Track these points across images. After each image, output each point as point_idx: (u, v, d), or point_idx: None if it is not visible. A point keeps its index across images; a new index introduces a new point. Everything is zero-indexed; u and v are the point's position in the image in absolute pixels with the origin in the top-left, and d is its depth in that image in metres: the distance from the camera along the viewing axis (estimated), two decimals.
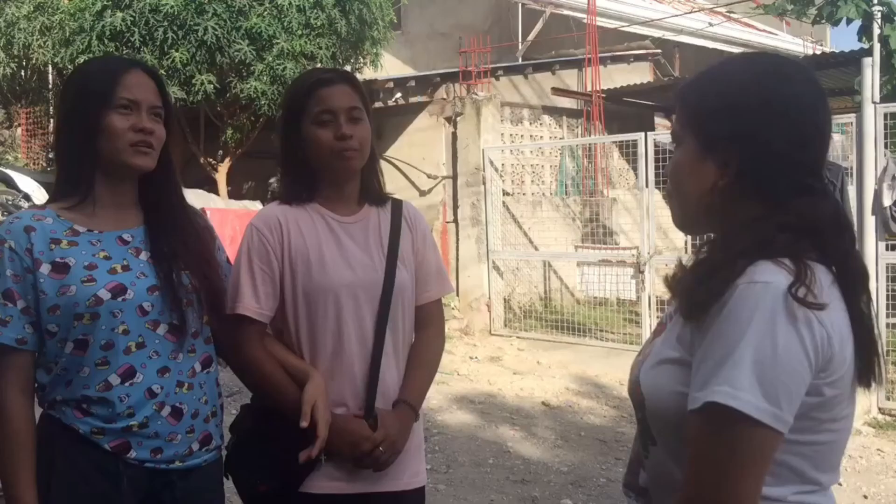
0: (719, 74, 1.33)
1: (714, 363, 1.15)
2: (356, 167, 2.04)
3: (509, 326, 9.23)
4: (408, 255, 2.11)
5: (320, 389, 1.93)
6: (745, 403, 1.11)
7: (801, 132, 1.25)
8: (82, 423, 1.75)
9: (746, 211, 1.28)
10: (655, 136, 8.25)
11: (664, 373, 1.28)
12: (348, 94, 2.01)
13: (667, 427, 1.28)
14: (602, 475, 4.81)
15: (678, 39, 13.26)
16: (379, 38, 9.43)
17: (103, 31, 8.06)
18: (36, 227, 1.77)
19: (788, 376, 1.13)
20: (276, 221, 2.02)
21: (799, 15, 8.51)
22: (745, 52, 1.44)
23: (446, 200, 9.65)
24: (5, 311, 1.73)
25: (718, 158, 1.28)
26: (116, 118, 1.79)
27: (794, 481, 1.22)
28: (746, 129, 1.25)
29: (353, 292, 2.00)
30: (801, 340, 1.14)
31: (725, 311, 1.17)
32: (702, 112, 1.30)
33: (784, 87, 1.27)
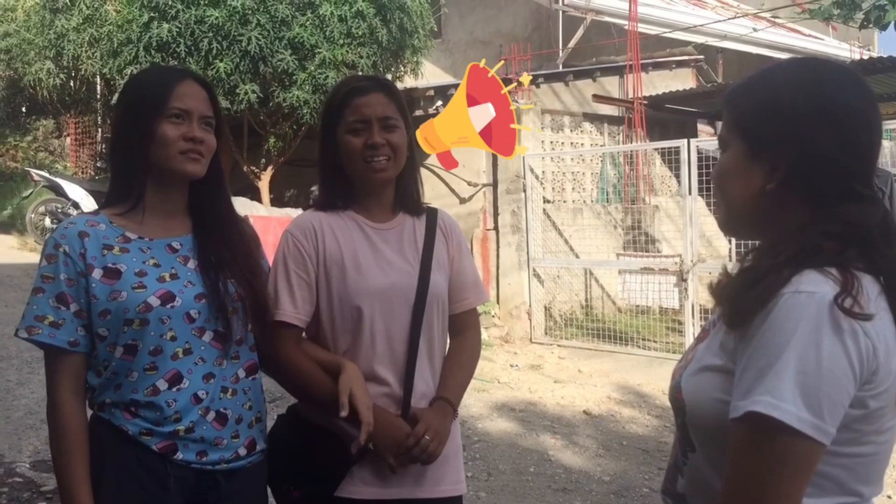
0: (770, 78, 1.32)
1: (756, 372, 1.14)
2: (387, 176, 2.05)
3: (550, 334, 9.18)
4: (443, 261, 2.11)
5: (354, 377, 1.93)
6: (786, 414, 1.10)
7: (851, 138, 1.23)
8: (131, 425, 1.79)
9: (793, 217, 1.26)
10: (698, 143, 8.17)
11: (706, 380, 1.27)
12: (383, 102, 2.02)
13: (707, 434, 1.27)
14: (645, 485, 4.76)
15: (721, 45, 13.11)
16: (419, 47, 9.48)
17: (150, 42, 8.22)
18: (89, 233, 1.81)
19: (832, 387, 1.12)
20: (310, 227, 2.04)
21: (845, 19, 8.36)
22: (797, 57, 1.43)
23: (486, 208, 9.64)
24: (58, 314, 1.77)
25: (766, 163, 1.26)
26: (168, 127, 1.83)
27: (835, 493, 1.20)
28: (796, 134, 1.24)
29: (388, 297, 2.01)
30: (846, 351, 1.12)
31: (769, 321, 1.15)
32: (751, 115, 1.30)
33: (835, 93, 1.25)
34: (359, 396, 1.89)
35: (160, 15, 8.26)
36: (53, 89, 11.14)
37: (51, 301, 1.77)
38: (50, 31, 9.63)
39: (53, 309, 1.77)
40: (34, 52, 10.61)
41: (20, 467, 4.48)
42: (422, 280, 2.05)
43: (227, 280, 1.89)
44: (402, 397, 2.01)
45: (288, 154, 9.95)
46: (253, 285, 1.93)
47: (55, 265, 1.78)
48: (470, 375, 2.17)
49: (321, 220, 2.06)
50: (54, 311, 1.77)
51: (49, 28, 9.67)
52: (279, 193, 10.97)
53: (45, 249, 1.82)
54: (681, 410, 1.32)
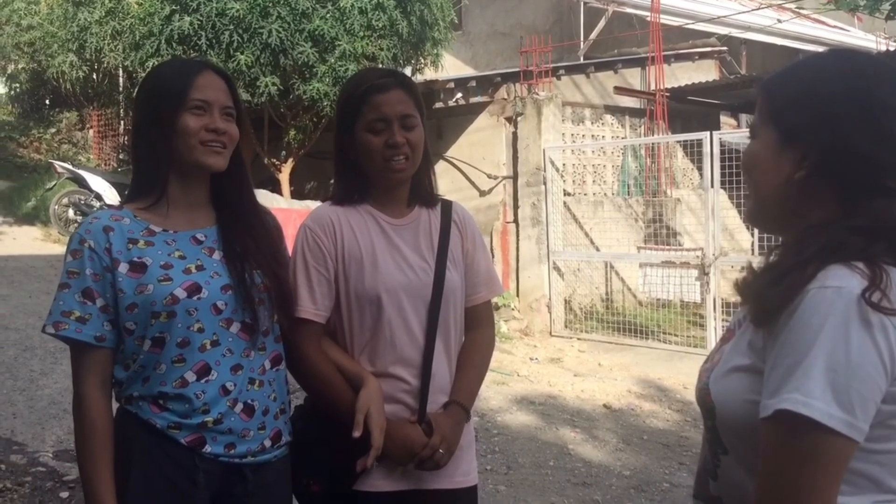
0: (805, 69, 1.31)
1: (785, 370, 1.12)
2: (406, 176, 2.04)
3: (570, 328, 9.15)
4: (457, 256, 2.11)
5: (375, 396, 1.93)
6: (816, 411, 1.08)
7: (885, 133, 1.21)
8: (159, 418, 1.79)
9: (820, 209, 1.24)
10: (721, 135, 8.10)
11: (735, 381, 1.25)
12: (403, 100, 2.00)
13: (738, 436, 1.25)
14: (665, 479, 4.74)
15: (745, 36, 12.98)
16: (440, 39, 9.45)
17: (171, 34, 8.25)
18: (114, 227, 1.81)
19: (862, 383, 1.10)
20: (328, 222, 2.03)
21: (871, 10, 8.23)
22: (837, 48, 1.40)
23: (506, 200, 9.62)
24: (84, 309, 1.77)
25: (797, 151, 1.25)
26: (190, 118, 1.82)
27: (871, 490, 1.18)
28: (828, 124, 1.22)
29: (405, 294, 2.00)
30: (876, 346, 1.10)
31: (796, 317, 1.13)
32: (784, 103, 1.28)
33: (871, 86, 1.23)
34: (374, 418, 1.89)
35: (182, 8, 8.29)
36: (76, 82, 11.19)
37: (77, 296, 1.77)
38: (73, 24, 9.69)
39: (80, 304, 1.77)
40: (57, 45, 10.66)
41: (43, 457, 4.53)
42: (438, 276, 2.04)
43: (253, 270, 1.89)
44: (419, 396, 2.01)
45: (308, 146, 9.97)
46: (278, 275, 1.93)
47: (80, 260, 1.78)
48: (484, 373, 2.17)
49: (338, 214, 2.05)
50: (80, 307, 1.77)
51: (72, 21, 9.72)
52: (299, 186, 11.00)
53: (71, 245, 1.81)
54: (710, 413, 1.30)
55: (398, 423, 1.97)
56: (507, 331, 8.62)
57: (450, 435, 1.98)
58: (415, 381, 2.01)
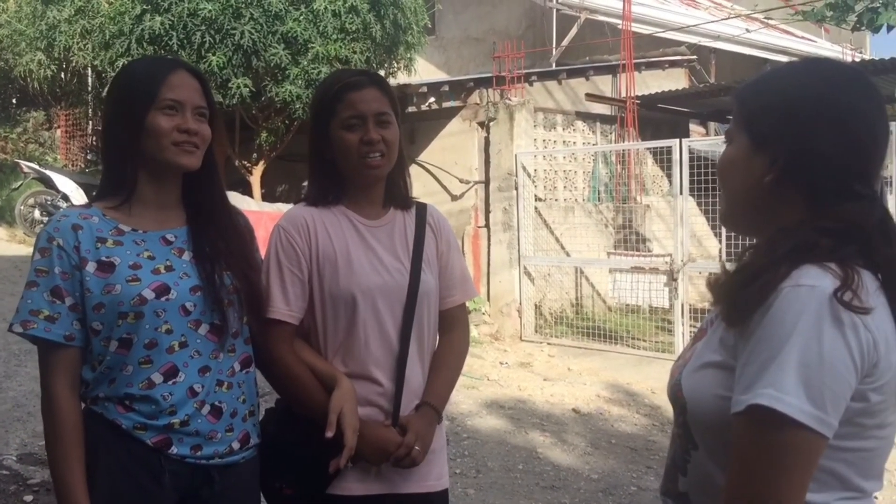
0: (777, 77, 1.35)
1: (758, 366, 1.15)
2: (381, 173, 2.04)
3: (540, 332, 9.19)
4: (432, 258, 2.11)
5: (347, 397, 1.93)
6: (789, 406, 1.11)
7: (852, 138, 1.25)
8: (125, 419, 1.78)
9: (791, 212, 1.27)
10: (690, 143, 8.19)
11: (707, 377, 1.27)
12: (377, 97, 2.01)
13: (709, 431, 1.27)
14: (633, 483, 4.77)
15: (714, 46, 13.14)
16: (413, 43, 9.47)
17: (142, 34, 8.18)
18: (83, 226, 1.79)
19: (834, 380, 1.12)
20: (303, 223, 2.02)
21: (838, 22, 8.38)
22: (809, 57, 1.45)
23: (478, 205, 9.65)
24: (53, 307, 1.75)
25: (767, 156, 1.28)
26: (161, 118, 1.81)
27: (837, 487, 1.21)
28: (796, 130, 1.26)
29: (380, 295, 2.00)
30: (847, 344, 1.13)
31: (770, 315, 1.16)
32: (756, 110, 1.31)
33: (839, 93, 1.27)
34: (347, 418, 1.89)
35: (153, 7, 8.22)
36: (44, 81, 11.06)
37: (45, 295, 1.75)
38: (41, 22, 9.56)
39: (48, 303, 1.75)
40: (25, 44, 10.52)
41: (7, 460, 4.45)
42: (413, 278, 2.04)
43: (223, 272, 1.87)
44: (394, 397, 2.01)
45: (280, 149, 9.93)
46: (249, 277, 1.92)
47: (49, 259, 1.76)
48: (457, 375, 2.17)
49: (313, 215, 2.04)
50: (49, 305, 1.75)
51: (40, 19, 9.60)
52: (270, 188, 10.94)
53: (39, 243, 1.79)
54: (682, 408, 1.32)
55: (372, 424, 1.96)
56: (478, 335, 8.64)
57: (424, 434, 1.98)
58: (388, 383, 2.01)
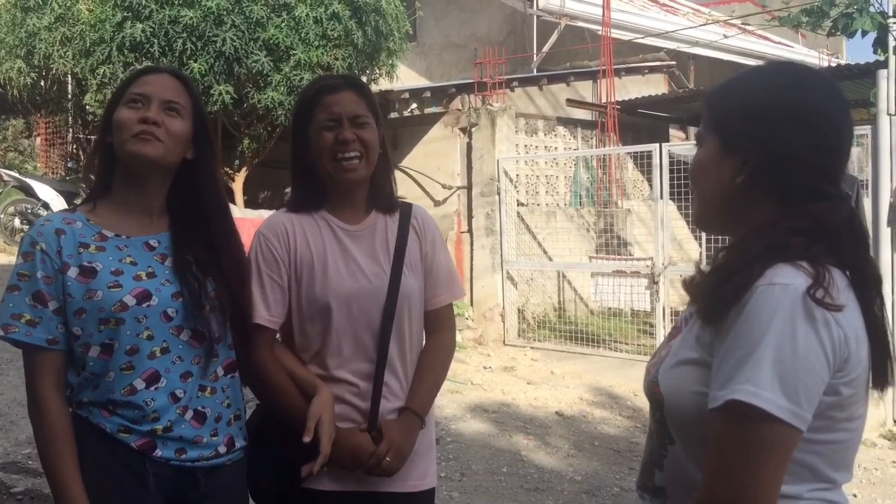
0: (745, 80, 1.39)
1: (735, 362, 1.18)
2: (359, 176, 2.04)
3: (523, 336, 9.23)
4: (415, 260, 2.11)
5: (326, 405, 1.95)
6: (766, 401, 1.14)
7: (819, 138, 1.28)
8: (109, 422, 1.79)
9: (763, 212, 1.31)
10: (670, 147, 8.27)
11: (683, 373, 1.31)
12: (354, 100, 2.02)
13: (685, 427, 1.31)
14: (616, 484, 4.82)
15: (693, 51, 13.27)
16: (395, 50, 9.49)
17: (123, 42, 8.15)
18: (66, 231, 1.80)
19: (808, 375, 1.16)
20: (283, 229, 2.04)
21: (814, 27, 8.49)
22: (775, 60, 1.49)
23: (461, 210, 9.68)
24: (35, 312, 1.75)
25: (737, 158, 1.32)
26: (124, 111, 1.84)
27: (809, 479, 1.24)
28: (765, 132, 1.29)
29: (356, 301, 2.02)
30: (820, 341, 1.17)
31: (745, 313, 1.19)
32: (725, 113, 1.35)
33: (804, 94, 1.31)
34: (325, 425, 1.92)
35: (133, 15, 8.20)
36: (24, 88, 10.99)
37: (27, 299, 1.75)
38: (21, 29, 9.50)
39: (30, 307, 1.75)
40: (5, 51, 10.44)
41: None
42: (393, 282, 2.05)
43: (206, 278, 1.88)
44: (370, 402, 2.03)
45: (262, 156, 9.91)
46: (232, 289, 1.92)
47: (32, 263, 1.77)
48: (442, 378, 2.18)
49: (293, 221, 2.06)
50: (31, 309, 1.75)
51: (20, 26, 9.54)
52: (253, 195, 10.93)
53: (22, 247, 1.80)
54: (659, 404, 1.35)
55: (348, 430, 1.98)
56: (461, 340, 8.66)
57: (399, 442, 1.99)
58: (366, 386, 2.03)
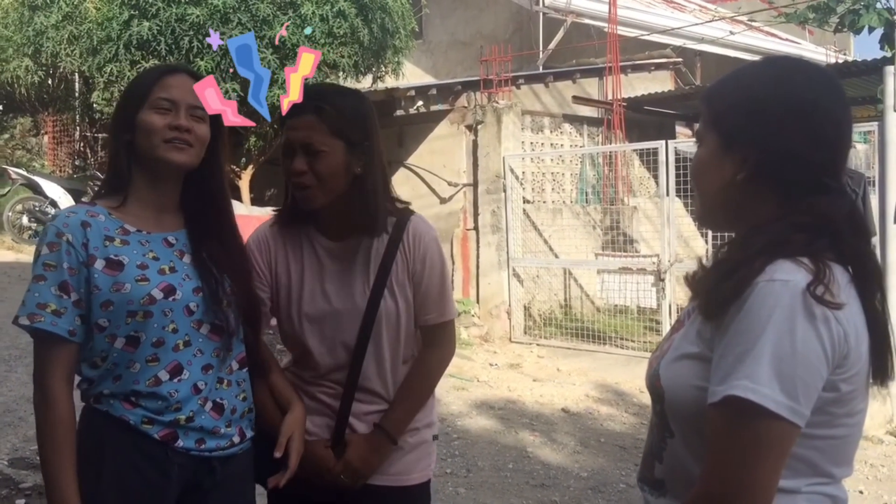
0: (742, 76, 1.39)
1: (734, 358, 1.19)
2: (318, 204, 1.97)
3: (529, 334, 9.24)
4: (399, 280, 2.05)
5: (299, 422, 2.00)
6: (764, 397, 1.15)
7: (818, 132, 1.28)
8: (132, 414, 1.80)
9: (764, 208, 1.31)
10: (676, 144, 8.26)
11: (684, 367, 1.32)
12: (309, 125, 1.95)
13: (685, 420, 1.32)
14: (622, 481, 4.82)
15: (699, 48, 13.24)
16: (401, 47, 9.51)
17: (130, 40, 8.19)
18: (91, 223, 1.81)
19: (806, 372, 1.17)
20: (266, 244, 2.07)
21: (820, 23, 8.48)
22: (770, 56, 1.48)
23: (467, 208, 9.69)
24: (60, 302, 1.76)
25: (737, 154, 1.32)
26: (153, 116, 1.84)
27: (807, 474, 1.25)
28: (764, 128, 1.30)
29: (328, 323, 2.03)
30: (819, 337, 1.17)
31: (746, 309, 1.20)
32: (724, 109, 1.35)
33: (803, 89, 1.31)
34: (296, 443, 1.97)
35: (140, 13, 8.23)
36: (31, 87, 11.05)
37: (53, 289, 1.76)
38: (29, 28, 9.56)
39: (56, 297, 1.76)
40: (12, 50, 10.51)
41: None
42: (371, 303, 2.02)
43: (222, 275, 1.92)
44: (336, 421, 2.06)
45: (269, 153, 9.94)
46: (244, 283, 1.96)
47: (58, 253, 1.77)
48: (426, 394, 2.14)
49: (276, 236, 2.08)
50: (57, 300, 1.76)
51: (28, 25, 9.60)
52: (259, 192, 10.96)
53: (46, 237, 1.80)
54: (659, 397, 1.36)
55: (312, 443, 2.03)
56: (468, 337, 8.68)
57: (357, 462, 2.02)
58: (335, 403, 2.06)
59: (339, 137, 1.95)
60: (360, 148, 1.98)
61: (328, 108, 1.96)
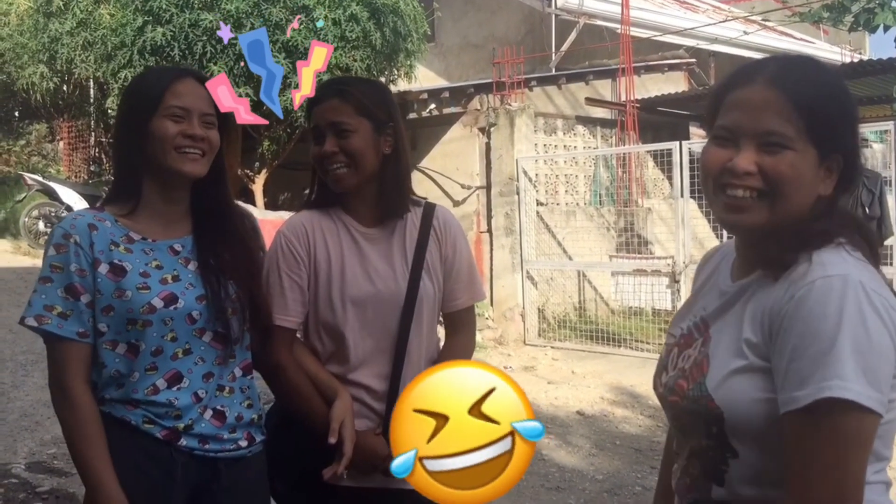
0: (815, 73, 1.32)
1: (810, 360, 1.17)
2: (350, 185, 2.02)
3: (543, 336, 9.22)
4: (435, 264, 2.10)
5: (348, 408, 1.97)
6: (858, 394, 1.14)
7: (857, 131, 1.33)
8: (133, 415, 1.80)
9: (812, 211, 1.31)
10: (690, 145, 8.22)
11: (741, 383, 1.28)
12: (335, 107, 1.99)
13: (754, 437, 1.27)
14: (637, 483, 4.80)
15: (713, 48, 13.19)
16: (413, 50, 9.52)
17: (144, 45, 8.24)
18: (98, 227, 1.82)
19: (884, 362, 1.17)
20: (302, 230, 2.05)
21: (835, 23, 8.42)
22: (801, 55, 1.45)
23: (480, 210, 9.68)
24: (66, 304, 1.76)
25: (831, 164, 1.31)
26: (167, 124, 1.83)
27: (872, 461, 1.24)
28: (853, 136, 1.32)
29: (373, 305, 2.02)
30: (886, 326, 1.18)
31: (808, 309, 1.19)
32: (822, 116, 1.28)
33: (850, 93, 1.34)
34: (347, 429, 1.93)
35: (154, 19, 8.28)
36: (47, 93, 11.13)
37: (59, 291, 1.76)
38: (43, 34, 9.63)
39: (62, 299, 1.76)
40: (27, 56, 10.60)
41: (15, 468, 4.49)
42: (411, 286, 2.05)
43: (227, 281, 1.90)
44: (385, 404, 2.03)
45: (282, 157, 9.97)
46: (251, 289, 1.95)
47: (65, 255, 1.78)
48: None
49: (312, 222, 2.07)
50: (63, 302, 1.76)
51: (43, 32, 9.67)
52: (273, 197, 10.99)
53: (53, 238, 1.81)
54: (716, 419, 1.30)
55: (362, 433, 1.99)
56: (482, 340, 8.66)
57: None
58: (382, 389, 2.04)
59: (365, 116, 2.00)
60: (387, 128, 2.04)
61: (351, 90, 2.02)
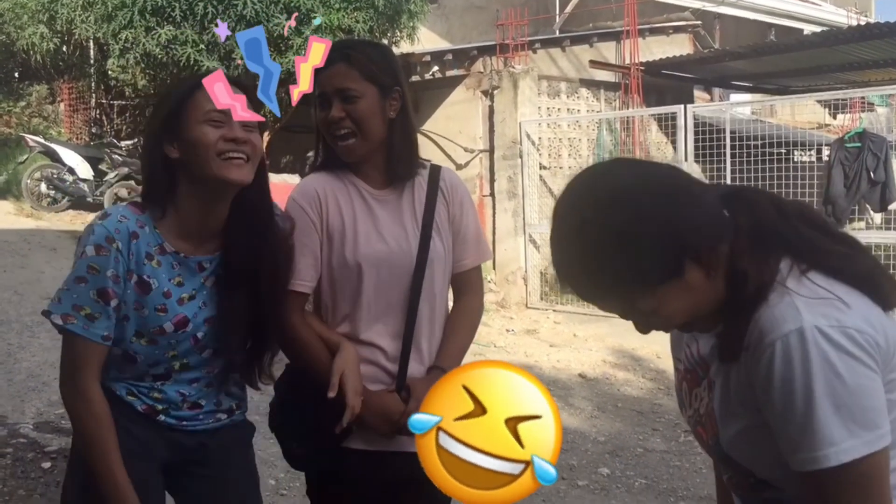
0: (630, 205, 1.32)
1: (796, 428, 1.16)
2: (359, 152, 2.02)
3: (546, 300, 9.25)
4: (443, 224, 2.12)
5: (350, 360, 1.97)
6: (852, 451, 1.13)
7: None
8: (118, 385, 1.85)
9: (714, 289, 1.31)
10: (695, 109, 8.18)
11: (750, 440, 1.28)
12: (342, 72, 1.97)
13: (789, 478, 1.25)
14: (639, 445, 4.85)
15: (718, 10, 13.05)
16: (416, 12, 9.43)
17: (145, 6, 8.17)
18: (139, 235, 1.77)
19: (869, 398, 1.15)
20: (314, 195, 2.05)
21: None
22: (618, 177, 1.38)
23: (483, 174, 9.66)
24: (95, 307, 1.74)
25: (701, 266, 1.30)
26: (206, 128, 1.73)
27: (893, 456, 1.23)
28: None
29: (385, 265, 2.03)
30: (858, 359, 1.15)
31: (777, 373, 1.17)
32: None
33: None
34: (349, 380, 1.93)
35: None
36: (47, 54, 11.06)
37: (92, 293, 1.73)
38: None
39: (93, 301, 1.73)
40: (27, 16, 10.50)
41: (24, 428, 4.54)
42: (422, 246, 2.06)
43: (244, 298, 1.88)
44: (398, 364, 2.05)
45: (284, 120, 9.92)
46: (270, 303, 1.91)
47: (105, 259, 1.73)
48: (470, 339, 2.18)
49: (324, 185, 2.06)
50: (93, 304, 1.74)
51: None
52: (275, 159, 10.95)
53: (94, 238, 1.74)
54: (746, 473, 1.32)
55: (376, 393, 2.00)
56: (484, 303, 8.70)
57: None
58: (394, 348, 2.05)
59: (372, 82, 2.00)
60: (392, 93, 2.03)
61: (357, 55, 2.01)
